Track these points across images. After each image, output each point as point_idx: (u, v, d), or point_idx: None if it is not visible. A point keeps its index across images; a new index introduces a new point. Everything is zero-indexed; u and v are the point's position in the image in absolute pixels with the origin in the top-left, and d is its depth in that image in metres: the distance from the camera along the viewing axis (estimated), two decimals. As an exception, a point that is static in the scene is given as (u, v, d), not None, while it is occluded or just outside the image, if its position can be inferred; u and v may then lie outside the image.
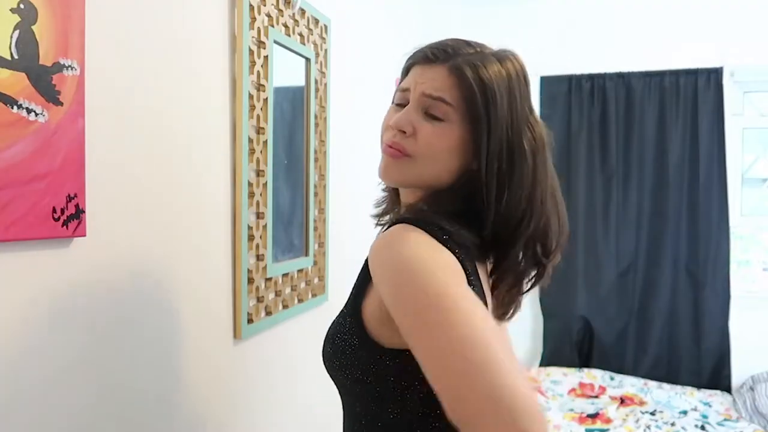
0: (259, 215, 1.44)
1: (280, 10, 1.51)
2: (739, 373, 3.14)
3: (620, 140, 3.30)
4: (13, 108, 0.81)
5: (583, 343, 3.34)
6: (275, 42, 1.48)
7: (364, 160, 2.15)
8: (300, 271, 1.69)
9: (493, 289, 0.90)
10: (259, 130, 1.42)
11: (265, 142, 1.45)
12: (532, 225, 0.85)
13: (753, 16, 3.11)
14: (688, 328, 3.20)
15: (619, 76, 3.28)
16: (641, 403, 2.91)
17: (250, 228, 1.40)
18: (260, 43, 1.41)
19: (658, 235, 3.25)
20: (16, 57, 0.81)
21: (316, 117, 1.75)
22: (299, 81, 1.68)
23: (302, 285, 1.71)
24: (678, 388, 3.05)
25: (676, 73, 3.20)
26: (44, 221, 0.86)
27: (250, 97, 1.38)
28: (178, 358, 1.20)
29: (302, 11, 1.63)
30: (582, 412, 2.82)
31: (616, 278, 3.30)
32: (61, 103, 0.88)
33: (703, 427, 2.67)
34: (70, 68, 0.90)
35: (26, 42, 0.83)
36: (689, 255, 3.20)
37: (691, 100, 3.18)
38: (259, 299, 1.45)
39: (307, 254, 1.73)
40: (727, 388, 3.12)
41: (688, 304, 3.20)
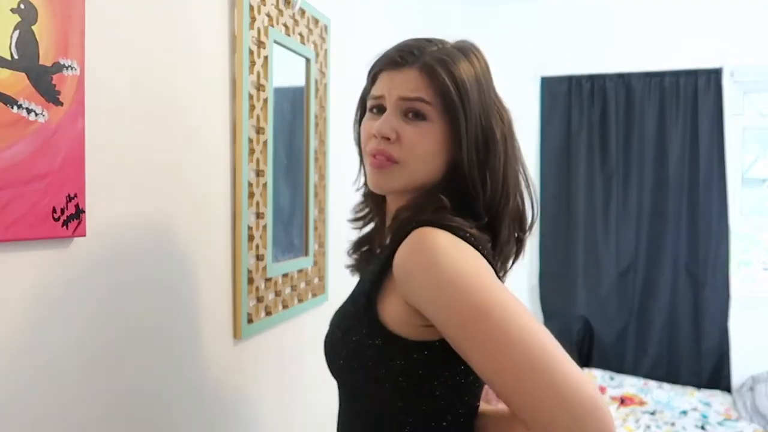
0: (259, 215, 1.44)
1: (280, 10, 1.51)
2: (739, 373, 3.14)
3: (620, 140, 3.30)
4: (13, 108, 0.81)
5: (583, 342, 3.34)
6: (275, 42, 1.48)
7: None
8: (300, 271, 1.69)
9: None
10: (259, 130, 1.42)
11: (265, 142, 1.44)
12: (511, 204, 0.89)
13: (753, 16, 3.11)
14: (688, 328, 3.20)
15: (619, 77, 3.29)
16: (641, 403, 2.91)
17: (250, 228, 1.40)
18: (260, 43, 1.41)
19: (658, 235, 3.25)
20: (16, 57, 0.81)
21: (316, 117, 1.75)
22: (299, 81, 1.68)
23: (302, 285, 1.71)
24: (678, 388, 3.05)
25: (676, 74, 3.21)
26: (44, 221, 0.86)
27: (250, 97, 1.38)
28: (178, 358, 1.20)
29: (302, 11, 1.63)
30: (582, 412, 2.82)
31: (616, 278, 3.30)
32: (61, 103, 0.88)
33: (703, 427, 2.67)
34: (70, 68, 0.90)
35: (26, 42, 0.83)
36: (689, 255, 3.20)
37: (691, 100, 3.18)
38: (259, 299, 1.45)
39: (307, 254, 1.72)
40: (727, 388, 3.12)
41: (688, 304, 3.20)
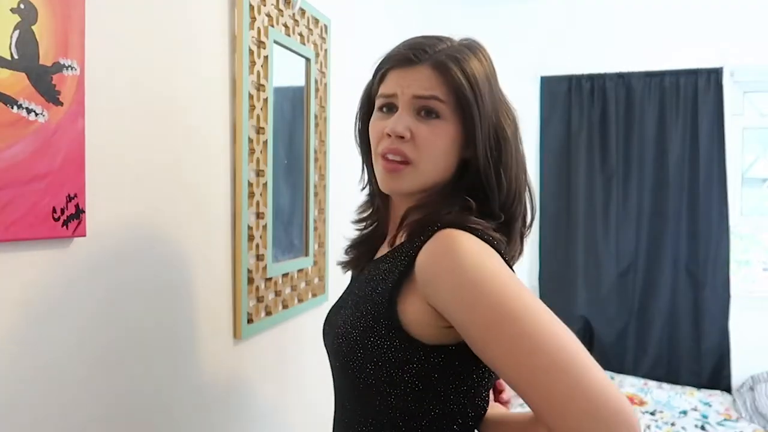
0: (259, 215, 1.44)
1: (280, 10, 1.51)
2: (739, 373, 3.14)
3: (620, 140, 3.30)
4: (13, 108, 0.81)
5: (583, 342, 3.29)
6: (275, 42, 1.48)
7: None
8: (300, 271, 1.69)
9: None
10: (259, 130, 1.42)
11: (265, 142, 1.44)
12: (522, 203, 0.89)
13: (753, 16, 3.11)
14: (688, 328, 3.20)
15: (619, 76, 3.29)
16: (641, 403, 2.91)
17: (250, 228, 1.40)
18: (260, 43, 1.41)
19: (658, 235, 3.25)
20: (16, 57, 0.81)
21: (316, 117, 1.75)
22: (299, 81, 1.68)
23: (302, 285, 1.71)
24: (678, 388, 3.05)
25: (676, 74, 3.20)
26: (44, 221, 0.86)
27: (250, 97, 1.38)
28: (178, 357, 1.20)
29: (302, 11, 1.63)
30: (582, 412, 2.82)
31: (616, 278, 3.30)
32: (61, 103, 0.88)
33: (703, 427, 2.67)
34: (70, 68, 0.90)
35: (26, 42, 0.83)
36: (689, 255, 3.20)
37: (691, 100, 3.18)
38: (259, 299, 1.45)
39: (307, 254, 1.72)
40: (727, 388, 3.12)
41: (688, 304, 3.20)
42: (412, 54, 0.85)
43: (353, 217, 1.05)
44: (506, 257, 0.81)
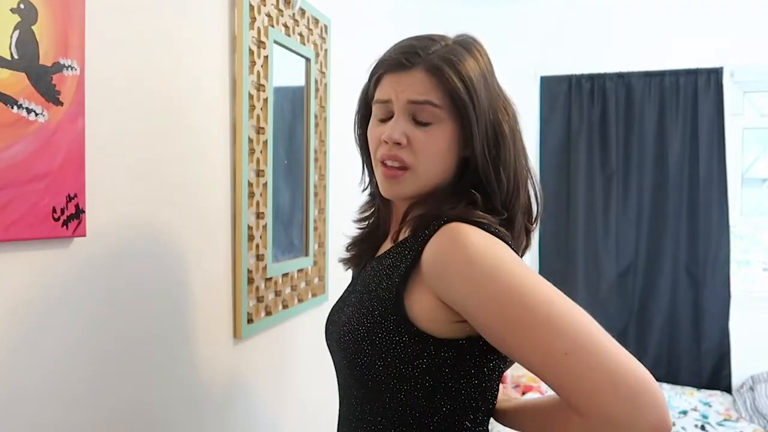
0: (259, 215, 1.44)
1: (280, 10, 1.51)
2: (739, 373, 3.14)
3: (620, 140, 3.30)
4: (13, 108, 0.81)
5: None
6: (275, 42, 1.48)
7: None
8: (300, 271, 1.69)
9: None
10: (259, 130, 1.42)
11: (265, 142, 1.44)
12: (522, 197, 0.89)
13: (753, 16, 3.11)
14: (688, 329, 3.20)
15: (619, 76, 3.29)
16: (641, 403, 2.91)
17: (250, 228, 1.40)
18: (260, 43, 1.41)
19: (658, 235, 3.25)
20: (16, 57, 0.81)
21: (316, 117, 1.75)
22: (299, 81, 1.68)
23: (302, 285, 1.71)
24: (678, 388, 3.06)
25: (676, 73, 3.21)
26: (44, 221, 0.86)
27: (250, 97, 1.38)
28: (178, 357, 1.20)
29: (302, 11, 1.63)
30: (582, 412, 2.82)
31: (616, 278, 3.30)
32: (61, 103, 0.88)
33: (703, 427, 2.67)
34: (70, 68, 0.90)
35: (26, 42, 0.83)
36: (689, 255, 3.20)
37: (691, 100, 3.19)
38: (259, 299, 1.45)
39: (307, 254, 1.72)
40: (727, 388, 3.12)
41: (688, 305, 3.21)
42: (405, 58, 0.85)
43: (354, 217, 1.05)
44: (513, 248, 0.81)
